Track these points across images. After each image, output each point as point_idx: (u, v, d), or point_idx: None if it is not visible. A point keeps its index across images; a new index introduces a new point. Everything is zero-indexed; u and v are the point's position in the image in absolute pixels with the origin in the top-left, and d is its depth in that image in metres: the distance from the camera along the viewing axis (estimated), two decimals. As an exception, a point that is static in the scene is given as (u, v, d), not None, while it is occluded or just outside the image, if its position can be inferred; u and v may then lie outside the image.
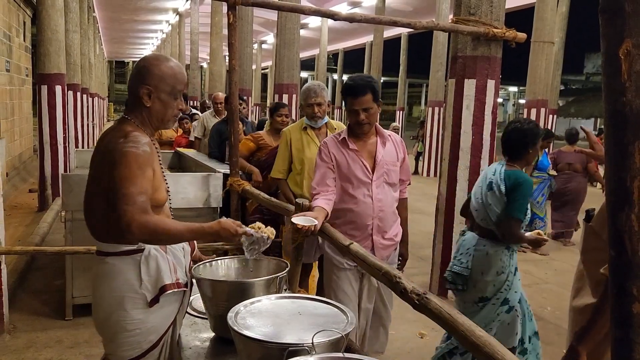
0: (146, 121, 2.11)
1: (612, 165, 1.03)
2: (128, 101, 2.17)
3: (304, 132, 4.14)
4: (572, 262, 6.75)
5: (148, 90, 2.07)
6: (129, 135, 1.99)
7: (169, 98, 2.10)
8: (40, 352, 3.91)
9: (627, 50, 0.98)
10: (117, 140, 1.98)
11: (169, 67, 2.09)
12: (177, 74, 2.11)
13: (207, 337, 2.23)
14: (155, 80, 2.06)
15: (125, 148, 1.93)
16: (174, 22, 24.98)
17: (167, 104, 2.11)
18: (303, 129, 4.14)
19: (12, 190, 9.94)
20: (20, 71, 12.28)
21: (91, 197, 2.08)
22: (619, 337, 1.08)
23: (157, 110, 2.10)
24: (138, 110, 2.10)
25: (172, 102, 2.12)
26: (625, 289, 1.05)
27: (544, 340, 4.48)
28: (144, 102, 2.08)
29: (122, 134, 2.00)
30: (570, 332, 2.68)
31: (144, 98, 2.07)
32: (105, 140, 2.05)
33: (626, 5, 0.97)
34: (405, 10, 19.46)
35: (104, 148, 2.02)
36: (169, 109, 2.12)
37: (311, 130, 4.13)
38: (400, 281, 2.09)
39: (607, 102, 1.03)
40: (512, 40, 4.94)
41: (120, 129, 2.05)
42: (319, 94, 4.01)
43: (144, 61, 2.12)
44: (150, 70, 2.07)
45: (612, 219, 1.05)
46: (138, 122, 2.09)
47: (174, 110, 2.15)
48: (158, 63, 2.09)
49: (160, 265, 2.05)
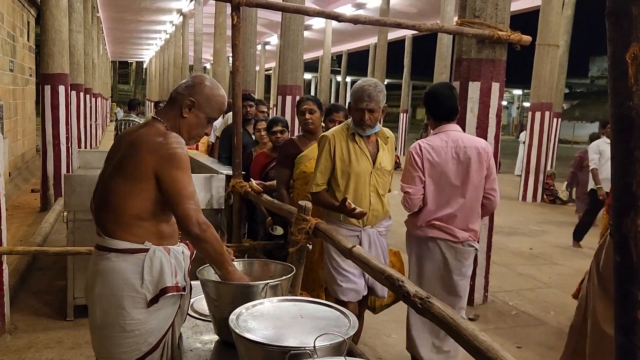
0: (176, 129, 2.18)
1: (617, 170, 1.02)
2: (165, 106, 2.25)
3: (352, 139, 3.35)
4: (576, 266, 6.73)
5: (192, 103, 2.17)
6: (168, 135, 2.08)
7: (204, 119, 2.22)
8: (41, 353, 3.90)
9: (634, 54, 0.97)
10: (154, 138, 2.06)
11: (219, 94, 2.24)
12: (222, 104, 2.26)
13: (209, 340, 2.22)
14: (202, 98, 2.18)
15: (172, 149, 2.04)
16: (177, 22, 25.02)
17: (201, 122, 2.22)
18: (351, 135, 3.34)
19: (15, 190, 9.96)
20: (24, 71, 12.30)
21: (110, 189, 2.10)
22: (623, 344, 1.07)
23: (190, 124, 2.20)
24: (173, 116, 2.19)
25: (205, 123, 2.24)
26: (630, 295, 1.04)
27: (547, 345, 4.47)
28: (183, 112, 2.18)
29: (159, 133, 2.09)
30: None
31: (185, 108, 2.17)
32: (137, 136, 2.10)
33: (633, 8, 0.96)
34: (410, 12, 19.46)
35: (137, 143, 2.07)
36: (199, 127, 2.23)
37: (360, 139, 3.35)
38: (403, 285, 2.07)
39: (613, 107, 1.02)
40: (517, 43, 4.93)
41: (155, 128, 2.13)
42: (374, 97, 3.21)
43: (201, 79, 2.25)
44: (203, 88, 2.19)
45: (618, 224, 1.04)
46: (169, 127, 2.16)
47: (202, 132, 2.27)
48: (212, 86, 2.23)
49: (164, 267, 2.07)
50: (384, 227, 3.48)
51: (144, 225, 2.08)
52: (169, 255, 2.11)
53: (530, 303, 5.49)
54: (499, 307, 5.31)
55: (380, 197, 3.40)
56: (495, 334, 4.57)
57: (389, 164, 3.45)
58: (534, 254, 7.52)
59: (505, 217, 9.73)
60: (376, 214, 3.39)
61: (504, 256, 7.18)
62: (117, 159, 2.11)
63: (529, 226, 9.49)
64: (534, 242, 8.29)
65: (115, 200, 2.07)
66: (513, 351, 4.29)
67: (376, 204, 3.37)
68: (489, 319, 5.01)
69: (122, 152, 2.10)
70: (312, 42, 27.08)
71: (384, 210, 3.45)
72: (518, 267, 6.81)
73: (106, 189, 2.12)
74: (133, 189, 2.04)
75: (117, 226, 2.06)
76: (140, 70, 61.52)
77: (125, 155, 2.09)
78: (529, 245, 8.03)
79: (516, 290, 5.89)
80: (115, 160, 2.12)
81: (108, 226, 2.09)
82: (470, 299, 5.18)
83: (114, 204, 2.07)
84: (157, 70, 37.61)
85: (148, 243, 2.07)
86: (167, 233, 2.16)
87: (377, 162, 3.35)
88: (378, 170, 3.36)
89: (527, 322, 4.99)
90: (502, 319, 5.04)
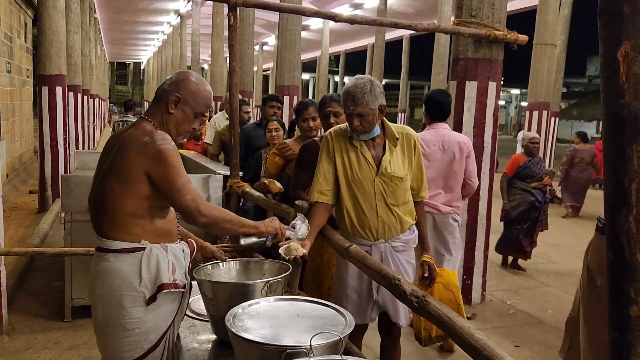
0: (164, 126, 2.19)
1: (610, 167, 1.03)
2: (151, 105, 2.26)
3: (350, 143, 2.94)
4: (573, 265, 6.73)
5: (177, 99, 2.18)
6: (153, 134, 2.09)
7: (191, 114, 2.23)
8: (38, 354, 3.90)
9: (625, 53, 0.97)
10: (141, 138, 2.08)
11: (204, 90, 2.25)
12: (208, 98, 2.27)
13: (206, 339, 2.22)
14: (188, 93, 2.20)
15: (158, 146, 2.05)
16: (175, 23, 25.01)
17: (188, 118, 2.23)
18: (349, 137, 2.94)
19: (12, 192, 9.95)
20: (21, 72, 12.29)
21: (104, 191, 2.11)
22: (617, 339, 1.08)
23: (177, 120, 2.21)
24: (159, 114, 2.21)
25: (192, 118, 2.24)
26: (623, 292, 1.04)
27: (544, 343, 4.48)
28: (169, 108, 2.19)
29: (144, 132, 2.11)
30: None
31: (170, 104, 2.18)
32: (125, 137, 2.13)
33: (624, 7, 0.97)
34: (407, 12, 19.48)
35: (126, 145, 2.09)
36: (187, 123, 2.24)
37: (359, 142, 2.92)
38: (400, 284, 2.08)
39: (606, 105, 1.03)
40: (514, 42, 4.94)
41: (141, 127, 2.15)
42: (359, 100, 2.77)
43: (185, 74, 2.26)
44: (187, 84, 2.20)
45: (610, 221, 1.04)
46: (156, 124, 2.17)
47: (189, 127, 2.27)
48: (197, 82, 2.24)
49: (160, 264, 2.08)
50: (400, 242, 2.95)
51: (140, 223, 2.09)
52: (166, 252, 2.12)
53: (528, 302, 5.50)
54: (496, 306, 5.32)
55: (391, 207, 2.89)
56: (493, 333, 4.58)
57: (400, 169, 2.91)
58: (531, 253, 7.53)
59: (503, 216, 9.74)
60: (388, 226, 2.90)
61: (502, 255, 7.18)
62: (108, 161, 2.13)
63: (526, 225, 9.47)
64: (531, 241, 8.27)
65: (109, 201, 2.08)
66: (511, 350, 4.30)
67: (386, 216, 2.89)
68: (486, 317, 5.01)
69: (113, 154, 2.12)
70: (310, 42, 27.10)
71: (401, 222, 2.93)
72: (516, 266, 6.81)
73: (100, 191, 2.13)
74: (126, 190, 2.06)
75: (113, 227, 2.08)
76: (137, 71, 61.50)
77: (116, 156, 2.10)
78: (527, 244, 8.02)
79: (514, 289, 5.89)
80: (107, 162, 2.14)
81: (104, 227, 2.10)
82: (468, 298, 5.19)
83: (109, 206, 2.08)
84: (154, 71, 37.59)
85: (144, 241, 2.08)
86: (164, 230, 2.17)
87: (382, 168, 2.86)
88: (384, 177, 2.86)
89: (525, 321, 5.00)
90: (500, 318, 5.04)
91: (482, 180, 5.11)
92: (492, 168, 5.18)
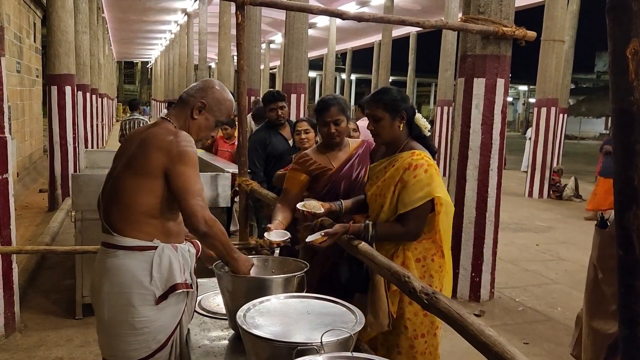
0: (186, 130, 2.23)
1: (619, 164, 1.03)
2: (175, 108, 2.31)
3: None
4: (582, 262, 6.70)
5: (203, 105, 2.24)
6: (179, 134, 2.13)
7: (212, 122, 2.29)
8: (50, 351, 3.94)
9: (634, 50, 0.98)
10: (165, 136, 2.11)
11: (228, 99, 2.32)
12: (230, 108, 2.34)
13: (217, 336, 2.23)
14: (213, 101, 2.26)
15: (183, 147, 2.08)
16: (182, 22, 25.07)
17: (209, 124, 2.29)
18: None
19: (23, 190, 10.02)
20: (31, 72, 12.36)
21: (119, 186, 2.13)
22: (627, 336, 1.08)
23: (198, 125, 2.26)
24: (183, 117, 2.25)
25: (212, 126, 2.31)
26: (634, 288, 1.05)
27: (553, 340, 4.48)
28: (193, 113, 2.24)
29: (168, 131, 2.14)
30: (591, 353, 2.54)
31: (196, 110, 2.24)
32: (147, 135, 2.15)
33: (633, 4, 0.97)
34: (414, 9, 19.41)
35: (148, 141, 2.11)
36: (207, 129, 2.30)
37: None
38: (409, 280, 2.09)
39: (615, 101, 1.03)
40: (522, 38, 4.92)
41: (164, 127, 2.18)
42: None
43: (212, 83, 2.33)
44: (214, 92, 2.27)
45: (620, 217, 1.05)
46: (178, 127, 2.21)
47: (209, 134, 2.34)
48: (221, 90, 2.31)
49: (173, 264, 2.10)
50: None
51: (153, 222, 2.10)
52: (177, 252, 2.14)
53: (537, 299, 5.48)
54: (505, 304, 5.31)
55: None
56: (502, 330, 4.58)
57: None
58: (540, 250, 7.51)
59: (512, 213, 9.72)
60: None
61: (510, 252, 7.18)
62: (127, 156, 2.14)
63: (535, 222, 9.46)
64: (540, 238, 8.27)
65: (124, 197, 2.10)
66: (520, 347, 4.29)
67: None
68: (495, 315, 5.01)
69: (132, 150, 2.13)
70: (317, 40, 27.06)
71: None
72: (524, 263, 6.80)
73: (115, 186, 2.14)
74: (142, 186, 2.07)
75: (125, 223, 2.09)
76: (145, 70, 61.67)
77: (136, 152, 2.11)
78: (536, 241, 8.02)
79: (523, 286, 5.88)
80: (125, 158, 2.15)
81: (116, 223, 2.11)
82: (477, 295, 5.19)
83: (123, 201, 2.10)
84: (162, 70, 37.69)
85: (157, 241, 2.10)
86: (175, 231, 2.18)
87: None
88: None
89: (534, 318, 4.99)
90: (508, 315, 5.04)
91: (491, 177, 5.10)
92: (500, 165, 5.17)
